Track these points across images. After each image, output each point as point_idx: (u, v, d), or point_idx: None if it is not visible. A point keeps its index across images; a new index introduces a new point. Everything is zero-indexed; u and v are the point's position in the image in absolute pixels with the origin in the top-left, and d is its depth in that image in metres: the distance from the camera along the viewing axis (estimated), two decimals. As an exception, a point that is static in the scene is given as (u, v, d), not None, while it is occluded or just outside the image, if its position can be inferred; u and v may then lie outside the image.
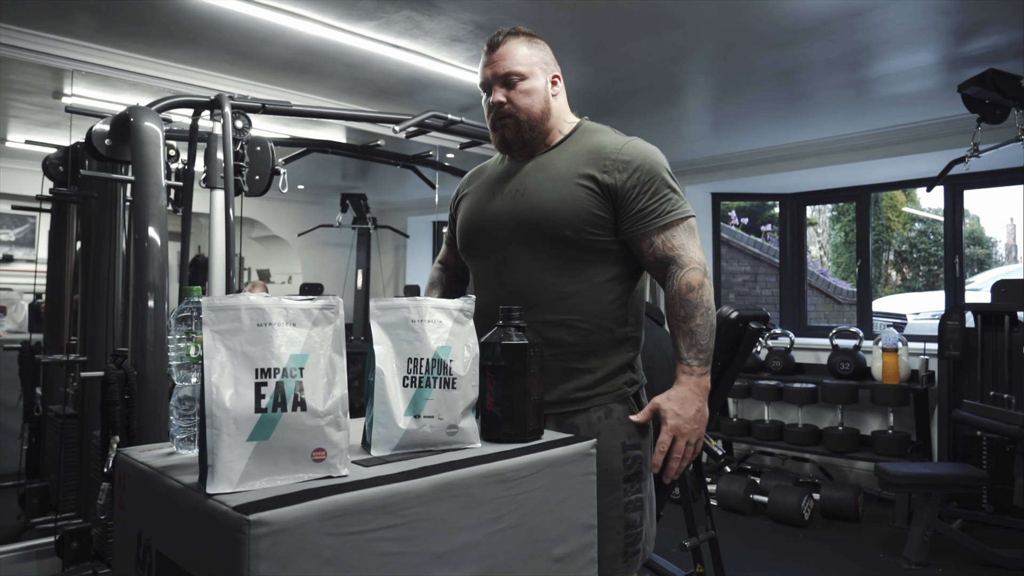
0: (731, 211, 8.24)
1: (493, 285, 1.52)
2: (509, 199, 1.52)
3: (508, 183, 1.55)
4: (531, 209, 1.48)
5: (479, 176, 1.68)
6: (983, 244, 9.79)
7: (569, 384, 1.47)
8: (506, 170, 1.59)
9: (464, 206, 1.64)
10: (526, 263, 1.48)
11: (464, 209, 1.63)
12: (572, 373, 1.48)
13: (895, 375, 4.12)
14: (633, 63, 3.23)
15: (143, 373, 1.91)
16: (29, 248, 5.21)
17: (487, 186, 1.60)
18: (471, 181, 1.70)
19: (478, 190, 1.63)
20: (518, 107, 1.51)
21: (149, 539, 1.00)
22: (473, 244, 1.58)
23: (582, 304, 1.47)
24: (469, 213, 1.60)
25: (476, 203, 1.60)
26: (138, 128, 2.13)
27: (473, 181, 1.69)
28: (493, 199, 1.55)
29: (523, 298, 1.46)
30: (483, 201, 1.58)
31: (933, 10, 2.62)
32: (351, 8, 2.64)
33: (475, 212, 1.58)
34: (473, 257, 1.60)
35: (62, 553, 2.31)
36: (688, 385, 1.41)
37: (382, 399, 1.09)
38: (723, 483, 4.09)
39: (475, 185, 1.66)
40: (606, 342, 1.50)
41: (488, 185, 1.60)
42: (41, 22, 2.74)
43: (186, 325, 1.09)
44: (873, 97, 3.71)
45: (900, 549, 3.34)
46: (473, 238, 1.57)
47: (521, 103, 1.51)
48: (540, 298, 1.47)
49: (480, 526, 1.01)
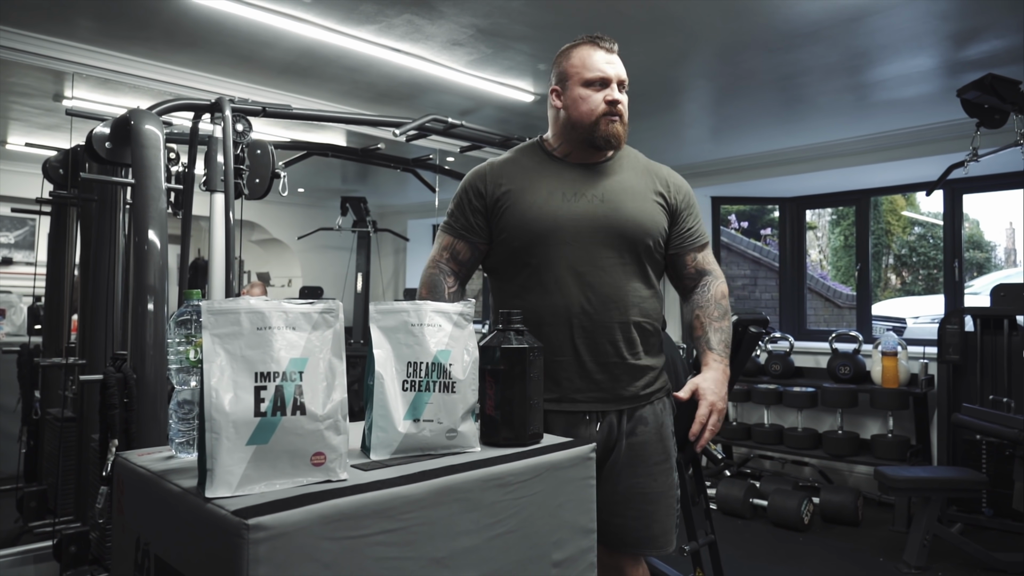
0: (731, 215, 8.25)
1: (574, 285, 1.58)
2: (587, 203, 1.61)
3: (578, 186, 1.63)
4: (618, 216, 1.61)
5: (520, 171, 1.66)
6: (982, 248, 9.80)
7: (642, 380, 1.65)
8: (567, 172, 1.65)
9: (520, 201, 1.61)
10: (612, 266, 1.60)
11: (523, 205, 1.60)
12: (645, 370, 1.66)
13: (894, 379, 4.12)
14: (633, 67, 3.19)
15: (142, 376, 1.91)
16: (29, 251, 5.22)
17: (547, 185, 1.63)
18: (509, 174, 1.65)
19: (532, 187, 1.62)
20: (625, 112, 1.65)
21: (148, 543, 1.00)
22: (547, 242, 1.59)
23: (651, 308, 1.67)
24: (535, 210, 1.59)
25: (542, 201, 1.60)
26: (138, 131, 2.13)
27: (513, 175, 1.65)
28: (567, 200, 1.61)
29: (609, 298, 1.60)
30: (552, 201, 1.60)
31: (932, 15, 2.63)
32: (352, 12, 2.64)
33: (545, 210, 1.59)
34: (544, 255, 1.59)
35: (60, 557, 2.30)
36: (719, 370, 1.64)
37: (381, 403, 1.09)
38: (723, 487, 4.08)
39: (522, 181, 1.64)
40: (660, 342, 1.72)
41: (547, 184, 1.63)
42: (42, 25, 2.74)
43: (186, 329, 1.09)
44: (873, 101, 3.71)
45: (900, 553, 3.33)
46: (548, 236, 1.58)
47: (626, 110, 1.66)
48: (625, 300, 1.61)
49: (479, 530, 1.01)
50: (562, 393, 1.60)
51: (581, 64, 1.62)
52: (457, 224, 1.67)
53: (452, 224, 1.67)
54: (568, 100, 1.64)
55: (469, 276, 1.74)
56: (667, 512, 1.67)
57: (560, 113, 1.66)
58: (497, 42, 2.92)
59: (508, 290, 1.65)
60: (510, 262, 1.64)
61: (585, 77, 1.61)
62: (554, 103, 1.68)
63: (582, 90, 1.61)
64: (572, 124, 1.64)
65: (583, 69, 1.62)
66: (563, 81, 1.66)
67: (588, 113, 1.61)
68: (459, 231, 1.67)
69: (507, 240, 1.62)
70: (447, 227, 1.69)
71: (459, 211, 1.67)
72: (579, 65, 1.62)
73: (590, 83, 1.61)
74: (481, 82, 3.37)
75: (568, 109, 1.64)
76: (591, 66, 1.61)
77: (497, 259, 1.67)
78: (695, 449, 1.62)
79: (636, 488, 1.63)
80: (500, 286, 1.68)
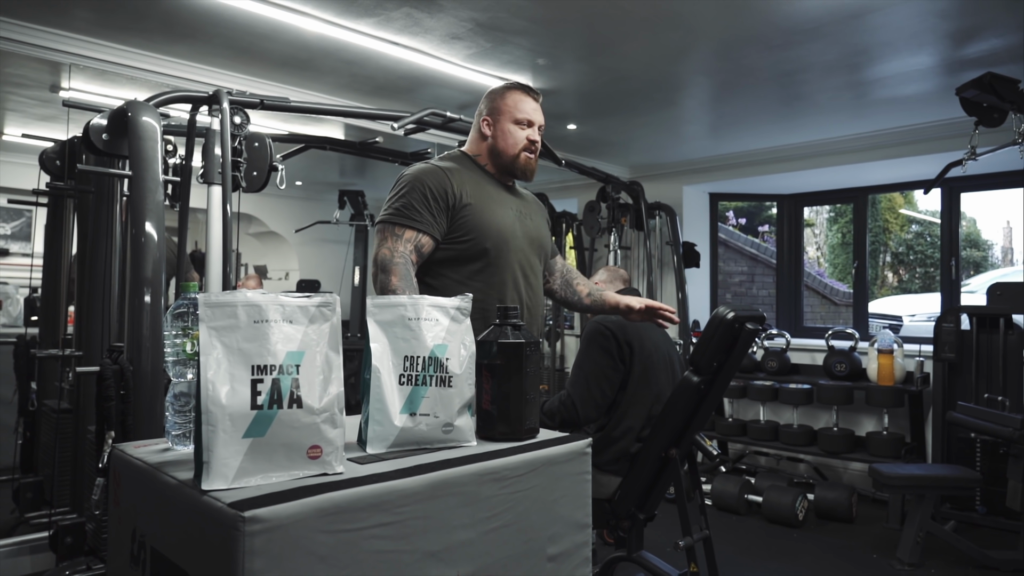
0: (729, 211, 8.25)
1: (521, 283, 1.90)
2: (523, 219, 1.95)
3: (511, 205, 1.94)
4: (539, 233, 2.00)
5: (473, 182, 1.89)
6: (979, 247, 9.82)
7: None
8: (502, 192, 1.96)
9: (485, 211, 1.86)
10: (537, 272, 1.98)
11: (488, 214, 1.86)
12: None
13: (890, 376, 4.13)
14: (632, 63, 3.23)
15: (139, 368, 1.91)
16: (25, 242, 5.20)
17: (499, 200, 1.92)
18: (467, 183, 1.87)
19: (490, 200, 1.89)
20: (537, 152, 1.98)
21: (144, 535, 1.00)
22: (507, 251, 1.87)
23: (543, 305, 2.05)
24: (498, 221, 1.87)
25: (502, 213, 1.89)
26: (136, 123, 2.13)
27: (471, 185, 1.88)
28: (514, 216, 1.93)
29: (537, 294, 1.97)
30: (507, 214, 1.91)
31: (932, 13, 2.63)
32: (351, 4, 2.64)
33: (506, 222, 1.89)
34: (502, 261, 1.86)
35: (56, 548, 2.31)
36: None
37: (378, 396, 1.10)
38: (718, 483, 4.09)
39: (479, 192, 1.88)
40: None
41: (499, 199, 1.92)
42: (39, 15, 2.73)
43: (182, 321, 1.09)
44: (871, 99, 3.71)
45: (893, 550, 3.35)
46: (508, 242, 1.87)
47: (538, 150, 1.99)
48: (541, 296, 2.01)
49: (475, 524, 1.02)
50: None
51: (514, 106, 1.92)
52: (420, 219, 1.79)
53: (414, 218, 1.78)
54: (498, 131, 1.93)
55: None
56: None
57: (487, 140, 1.94)
58: (496, 36, 2.91)
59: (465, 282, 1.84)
60: (475, 256, 1.84)
61: (516, 116, 1.92)
62: (484, 130, 1.95)
63: (511, 126, 1.92)
64: (497, 151, 1.93)
65: (515, 110, 1.92)
66: (495, 114, 1.94)
67: (513, 146, 1.92)
68: (424, 226, 1.79)
69: (475, 241, 1.83)
70: (407, 220, 1.78)
71: (422, 207, 1.79)
72: (512, 106, 1.92)
73: (519, 122, 1.92)
74: (480, 76, 3.36)
75: (496, 139, 1.93)
76: (522, 109, 1.93)
77: (459, 252, 1.84)
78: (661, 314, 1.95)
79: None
80: (456, 277, 1.85)
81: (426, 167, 1.87)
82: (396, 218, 1.79)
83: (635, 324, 2.46)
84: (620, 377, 2.40)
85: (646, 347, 2.45)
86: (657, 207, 5.01)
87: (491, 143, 1.93)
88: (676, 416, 2.27)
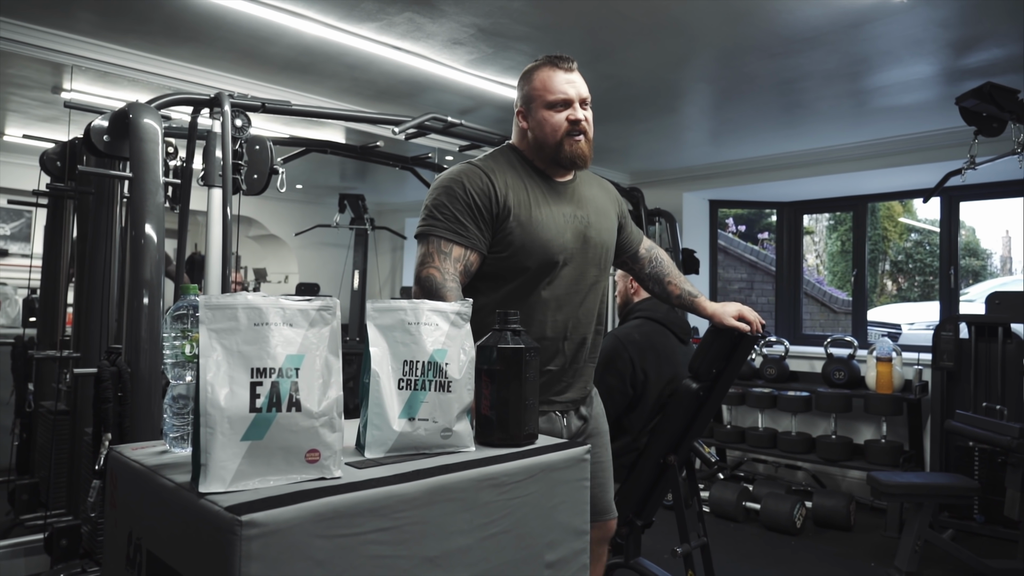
0: (729, 218, 8.26)
1: (570, 303, 1.69)
2: (578, 224, 1.71)
3: (568, 206, 1.71)
4: (600, 238, 1.75)
5: (519, 183, 1.66)
6: (978, 256, 9.82)
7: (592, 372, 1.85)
8: (554, 192, 1.71)
9: (530, 221, 1.63)
10: (593, 283, 1.74)
11: (534, 226, 1.63)
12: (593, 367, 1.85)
13: (889, 385, 4.13)
14: (633, 70, 3.24)
15: (137, 370, 1.90)
16: (24, 243, 5.20)
17: (548, 204, 1.68)
18: (512, 186, 1.65)
19: (536, 205, 1.66)
20: (589, 129, 1.70)
21: (140, 538, 1.00)
22: (555, 264, 1.65)
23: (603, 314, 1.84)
24: (546, 233, 1.64)
25: (549, 222, 1.65)
26: (137, 125, 2.13)
27: (515, 187, 1.65)
28: (567, 222, 1.69)
29: (590, 312, 1.75)
30: (556, 222, 1.67)
31: (932, 23, 2.63)
32: (353, 9, 2.64)
33: (554, 232, 1.65)
34: (551, 274, 1.65)
35: (51, 550, 2.29)
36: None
37: (377, 401, 1.09)
38: (716, 490, 4.09)
39: (524, 195, 1.65)
40: None
41: (547, 203, 1.68)
42: (42, 17, 2.73)
43: (182, 323, 1.09)
44: (871, 108, 3.72)
45: (891, 558, 3.34)
46: (555, 257, 1.65)
47: (591, 127, 1.71)
48: (597, 312, 1.78)
49: (473, 530, 1.01)
50: (546, 396, 1.70)
51: (543, 87, 1.67)
52: (468, 233, 1.60)
53: (461, 233, 1.59)
54: (533, 122, 1.69)
55: None
56: (612, 478, 1.93)
57: (527, 134, 1.71)
58: (498, 42, 2.92)
59: (506, 302, 1.62)
60: (513, 275, 1.64)
61: (547, 99, 1.66)
62: (520, 124, 1.73)
63: (545, 112, 1.66)
64: (539, 145, 1.69)
65: (545, 92, 1.66)
66: (527, 103, 1.70)
67: (552, 134, 1.66)
68: (472, 241, 1.60)
69: (517, 259, 1.62)
70: (455, 235, 1.59)
71: (468, 218, 1.60)
72: (541, 88, 1.67)
73: (552, 105, 1.66)
74: (481, 81, 3.37)
75: (534, 131, 1.69)
76: (552, 88, 1.66)
77: (496, 268, 1.64)
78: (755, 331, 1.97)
79: (595, 459, 1.77)
80: (496, 295, 1.64)
81: (468, 168, 1.65)
82: (442, 232, 1.59)
83: (662, 345, 2.47)
84: (627, 401, 2.39)
85: (664, 374, 2.43)
86: (657, 213, 5.01)
87: (531, 136, 1.70)
88: (675, 423, 2.27)
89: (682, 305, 2.02)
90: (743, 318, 1.97)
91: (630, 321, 2.59)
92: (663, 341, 2.50)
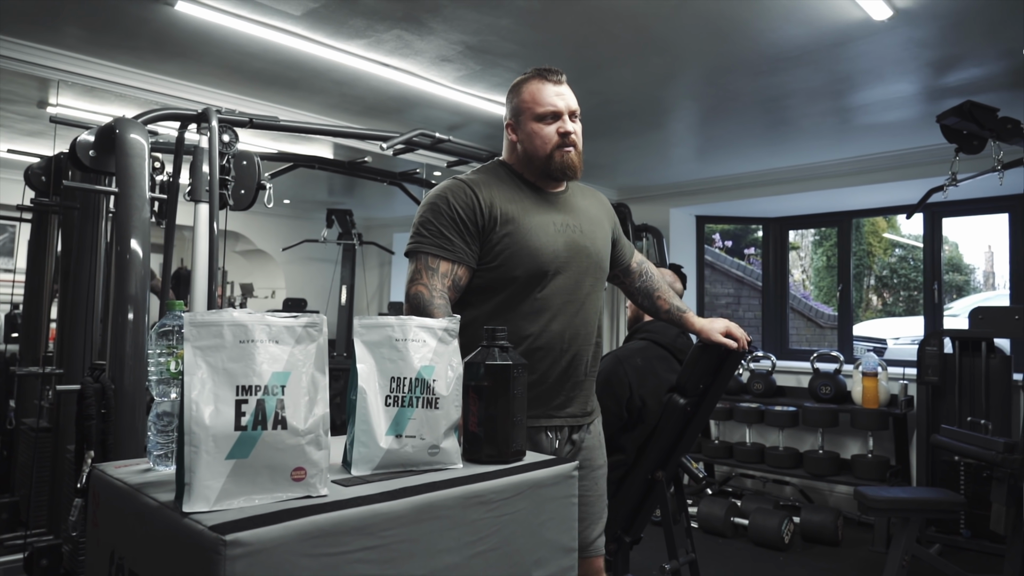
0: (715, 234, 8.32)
1: (565, 314, 1.66)
2: (571, 233, 1.69)
3: (560, 216, 1.71)
4: (594, 247, 1.74)
5: (506, 196, 1.66)
6: (962, 271, 9.93)
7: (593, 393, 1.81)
8: (544, 203, 1.71)
9: (519, 232, 1.62)
10: (589, 294, 1.72)
11: (523, 236, 1.62)
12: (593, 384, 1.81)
13: (875, 399, 4.15)
14: (620, 87, 3.27)
15: (120, 387, 1.89)
16: (8, 258, 5.14)
17: (538, 215, 1.67)
18: (499, 199, 1.65)
19: (526, 216, 1.65)
20: (579, 141, 1.71)
21: (122, 558, 0.98)
22: (545, 274, 1.64)
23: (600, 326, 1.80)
24: (536, 243, 1.63)
25: (540, 231, 1.64)
26: (123, 140, 2.12)
27: (503, 200, 1.65)
28: (558, 232, 1.68)
29: (588, 323, 1.72)
30: (547, 232, 1.66)
31: (914, 43, 2.68)
32: (342, 26, 2.65)
33: (544, 242, 1.64)
34: (543, 285, 1.64)
35: (31, 571, 2.26)
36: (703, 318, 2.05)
37: (364, 418, 1.09)
38: (704, 505, 4.08)
39: (512, 208, 1.65)
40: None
41: (538, 213, 1.68)
42: (28, 32, 2.73)
43: (167, 340, 1.08)
44: (855, 125, 3.77)
45: (879, 573, 3.34)
46: (547, 267, 1.64)
47: (580, 139, 1.72)
48: (594, 324, 1.75)
49: (460, 548, 1.01)
50: (540, 411, 1.66)
51: (532, 99, 1.67)
52: (453, 248, 1.60)
53: (446, 247, 1.60)
54: (523, 134, 1.69)
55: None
56: (603, 514, 1.81)
57: (517, 147, 1.71)
58: (486, 59, 2.94)
59: (500, 314, 1.62)
60: (504, 285, 1.63)
61: (536, 112, 1.66)
62: (510, 136, 1.73)
63: (535, 124, 1.67)
64: (529, 157, 1.69)
65: (534, 104, 1.67)
66: (517, 116, 1.70)
67: (542, 146, 1.66)
68: (459, 255, 1.61)
69: (507, 268, 1.62)
70: (440, 250, 1.60)
71: (453, 232, 1.60)
72: (530, 100, 1.67)
73: (542, 117, 1.66)
74: (469, 98, 3.39)
75: (523, 143, 1.69)
76: (542, 100, 1.66)
77: (487, 280, 1.64)
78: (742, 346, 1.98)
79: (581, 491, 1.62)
80: (489, 309, 1.63)
81: (452, 184, 1.66)
82: (429, 248, 1.60)
83: (664, 371, 2.44)
84: (620, 424, 2.37)
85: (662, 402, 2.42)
86: (644, 229, 5.04)
87: (521, 149, 1.70)
88: (663, 439, 2.27)
89: (671, 320, 2.03)
90: (730, 335, 1.98)
91: (635, 342, 2.53)
92: (665, 367, 2.46)
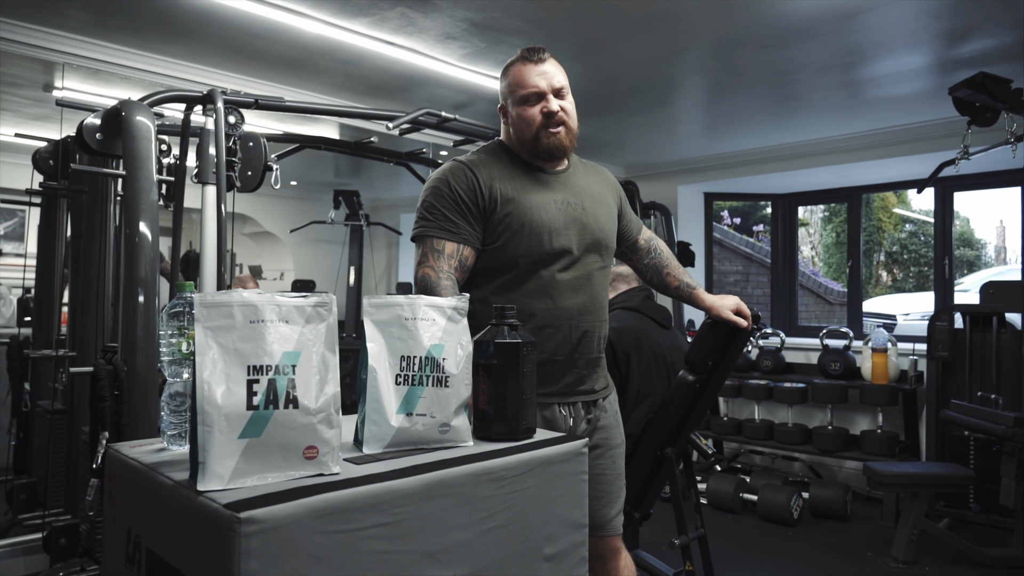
0: (723, 211, 8.27)
1: (572, 291, 1.67)
2: (573, 211, 1.69)
3: (561, 194, 1.71)
4: (598, 224, 1.73)
5: (507, 176, 1.67)
6: (973, 246, 9.86)
7: (604, 371, 1.81)
8: (544, 181, 1.72)
9: (520, 210, 1.63)
10: (596, 271, 1.73)
11: (525, 214, 1.63)
12: (603, 361, 1.80)
13: (884, 375, 4.15)
14: (627, 62, 3.23)
15: (133, 369, 1.90)
16: (18, 242, 5.17)
17: (540, 193, 1.68)
18: (499, 179, 1.66)
19: (527, 195, 1.66)
20: (569, 116, 1.70)
21: (139, 535, 1.00)
22: (550, 252, 1.64)
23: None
24: (538, 221, 1.63)
25: (541, 210, 1.65)
26: (130, 122, 2.12)
27: (503, 180, 1.66)
28: (560, 210, 1.68)
29: (597, 300, 1.72)
30: (549, 210, 1.66)
31: (925, 13, 2.64)
32: (345, 4, 2.63)
33: (546, 220, 1.64)
34: (548, 263, 1.65)
35: (50, 549, 2.30)
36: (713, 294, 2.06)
37: (374, 397, 1.09)
38: (713, 482, 4.10)
39: (514, 187, 1.66)
40: None
41: (539, 192, 1.69)
42: (32, 14, 2.72)
43: (178, 321, 1.08)
44: (865, 99, 3.73)
45: (888, 548, 3.36)
46: (551, 245, 1.64)
47: (570, 114, 1.70)
48: (603, 300, 1.76)
49: (471, 524, 1.02)
50: (552, 389, 1.67)
51: (515, 82, 1.68)
52: (457, 229, 1.62)
53: (450, 229, 1.61)
54: (512, 118, 1.71)
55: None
56: (621, 493, 1.81)
57: (509, 129, 1.73)
58: (491, 36, 2.91)
59: (504, 293, 1.64)
60: (510, 264, 1.64)
61: (519, 95, 1.67)
62: (503, 119, 1.76)
63: (520, 108, 1.68)
64: (519, 140, 1.71)
65: (517, 87, 1.67)
66: (506, 99, 1.73)
67: (528, 128, 1.67)
68: (463, 236, 1.62)
69: (510, 247, 1.63)
70: (445, 232, 1.61)
71: (455, 214, 1.62)
72: (514, 83, 1.68)
73: (526, 99, 1.67)
74: (474, 76, 3.36)
75: (513, 125, 1.71)
76: (524, 82, 1.66)
77: (492, 260, 1.65)
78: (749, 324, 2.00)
79: (599, 470, 1.73)
80: (494, 288, 1.65)
81: (452, 166, 1.68)
82: (434, 231, 1.61)
83: (640, 329, 2.50)
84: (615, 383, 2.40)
85: (645, 354, 2.46)
86: (652, 207, 5.02)
87: (512, 131, 1.72)
88: (672, 415, 2.27)
89: (680, 296, 2.02)
90: (740, 313, 1.99)
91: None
92: (641, 326, 2.54)
